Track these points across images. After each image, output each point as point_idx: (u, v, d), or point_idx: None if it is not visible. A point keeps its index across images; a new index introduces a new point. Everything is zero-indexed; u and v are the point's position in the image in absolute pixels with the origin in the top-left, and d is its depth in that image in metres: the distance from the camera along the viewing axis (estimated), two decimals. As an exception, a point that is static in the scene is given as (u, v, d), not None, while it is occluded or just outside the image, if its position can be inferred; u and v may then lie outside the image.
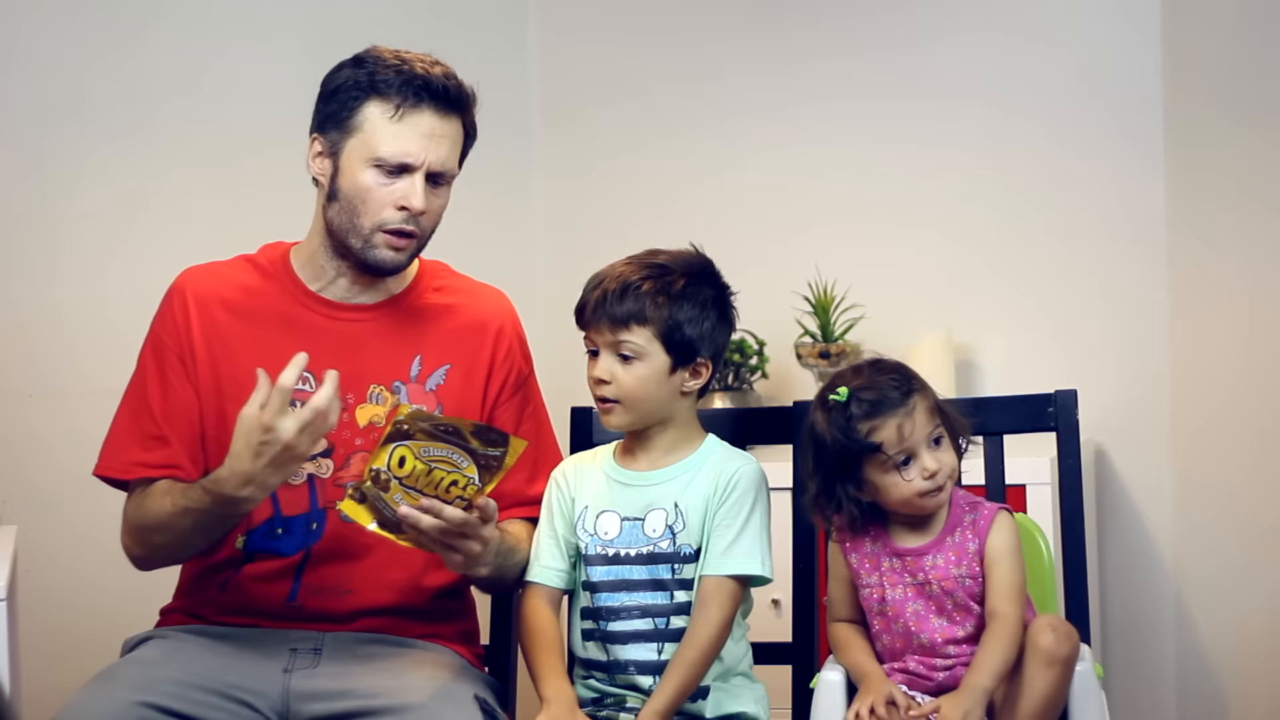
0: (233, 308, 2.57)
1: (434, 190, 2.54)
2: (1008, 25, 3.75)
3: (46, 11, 3.55)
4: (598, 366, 2.52)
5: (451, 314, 2.63)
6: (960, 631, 2.47)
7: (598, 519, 2.54)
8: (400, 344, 2.58)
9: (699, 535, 2.51)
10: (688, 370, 2.52)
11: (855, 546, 2.54)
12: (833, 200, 3.85)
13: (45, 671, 3.10)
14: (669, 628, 2.51)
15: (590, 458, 2.63)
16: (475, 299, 2.67)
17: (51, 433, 3.53)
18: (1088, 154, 3.70)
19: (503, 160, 3.96)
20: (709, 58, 3.94)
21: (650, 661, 2.51)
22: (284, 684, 2.45)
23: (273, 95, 3.68)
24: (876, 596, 2.51)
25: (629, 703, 2.52)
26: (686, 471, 2.54)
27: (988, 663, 2.40)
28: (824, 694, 2.51)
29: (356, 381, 2.52)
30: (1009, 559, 2.46)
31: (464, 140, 2.57)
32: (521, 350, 2.68)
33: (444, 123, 2.52)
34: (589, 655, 2.55)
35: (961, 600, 2.47)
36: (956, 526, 2.49)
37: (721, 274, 2.57)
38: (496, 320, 2.66)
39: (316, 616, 2.51)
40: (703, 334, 2.50)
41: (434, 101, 2.50)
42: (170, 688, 2.38)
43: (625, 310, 2.49)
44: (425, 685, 2.41)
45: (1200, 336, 3.64)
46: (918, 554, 2.49)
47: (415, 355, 2.58)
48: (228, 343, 2.55)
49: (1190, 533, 3.67)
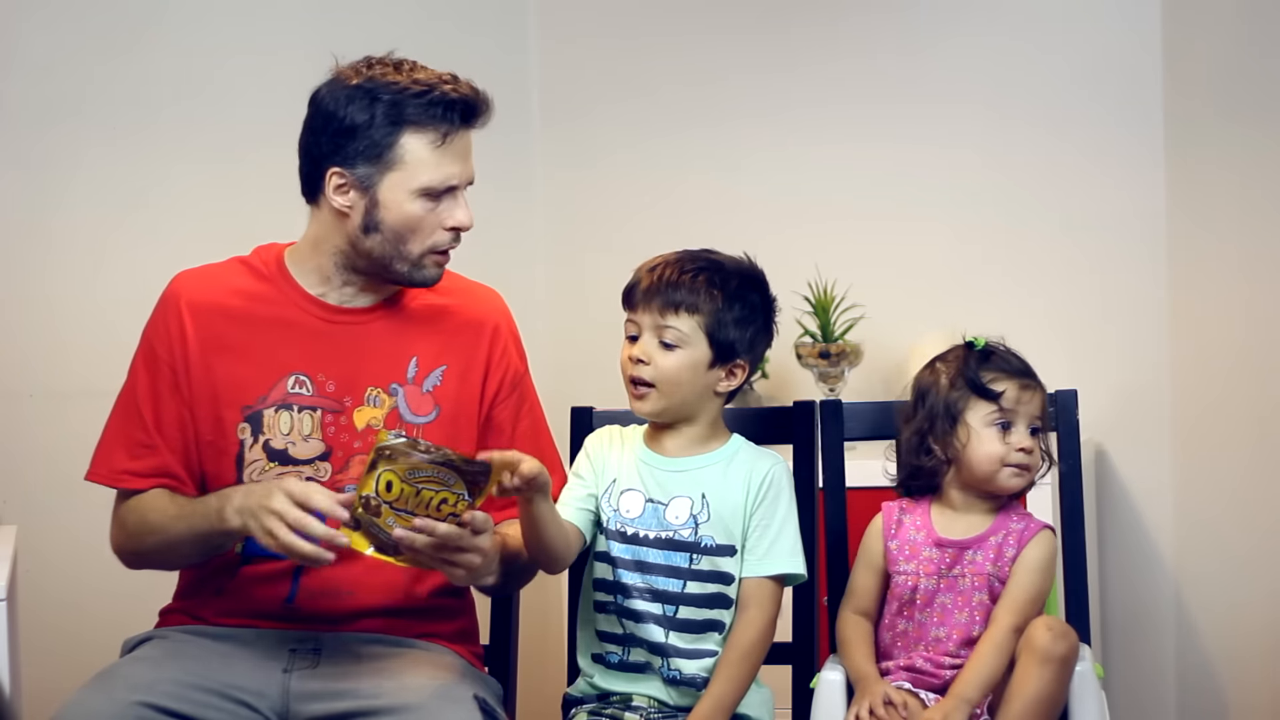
0: (229, 313, 2.56)
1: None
2: (1008, 26, 3.75)
3: (47, 12, 3.55)
4: (638, 346, 2.53)
5: (446, 314, 2.63)
6: (977, 631, 2.49)
7: (621, 496, 2.56)
8: (396, 346, 2.58)
9: (725, 530, 2.52)
10: (724, 370, 2.53)
11: (899, 532, 2.56)
12: (833, 200, 3.85)
13: (45, 671, 3.10)
14: (676, 616, 2.52)
15: (620, 434, 2.63)
16: (470, 298, 2.67)
17: (51, 433, 3.52)
18: (1088, 154, 3.70)
19: (503, 159, 3.96)
20: (710, 57, 3.94)
21: (659, 644, 2.52)
22: (283, 684, 2.45)
23: (272, 97, 3.66)
24: (910, 585, 2.53)
25: (634, 701, 2.53)
26: (717, 464, 2.55)
27: (974, 674, 2.43)
28: (824, 694, 2.51)
29: (354, 384, 2.52)
30: (1034, 574, 2.49)
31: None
32: (517, 349, 2.68)
33: (471, 135, 2.53)
34: (603, 627, 2.56)
35: (986, 599, 2.50)
36: (1003, 529, 2.52)
37: (771, 288, 2.59)
38: (492, 319, 2.65)
39: (314, 618, 2.51)
40: (745, 337, 2.53)
41: (472, 121, 2.51)
42: (169, 688, 2.38)
43: (679, 296, 2.51)
44: (425, 685, 2.41)
45: (1200, 336, 3.64)
46: (960, 546, 2.52)
47: (412, 357, 2.58)
48: (225, 347, 2.54)
49: (1190, 531, 3.67)
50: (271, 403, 2.52)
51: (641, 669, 2.54)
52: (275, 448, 2.51)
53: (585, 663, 2.59)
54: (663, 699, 2.53)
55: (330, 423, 2.52)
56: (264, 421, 2.52)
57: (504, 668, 2.73)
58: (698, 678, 2.51)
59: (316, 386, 2.52)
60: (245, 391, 2.51)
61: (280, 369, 2.53)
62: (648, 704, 2.53)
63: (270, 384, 2.53)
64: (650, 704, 2.53)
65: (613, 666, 2.56)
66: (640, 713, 2.52)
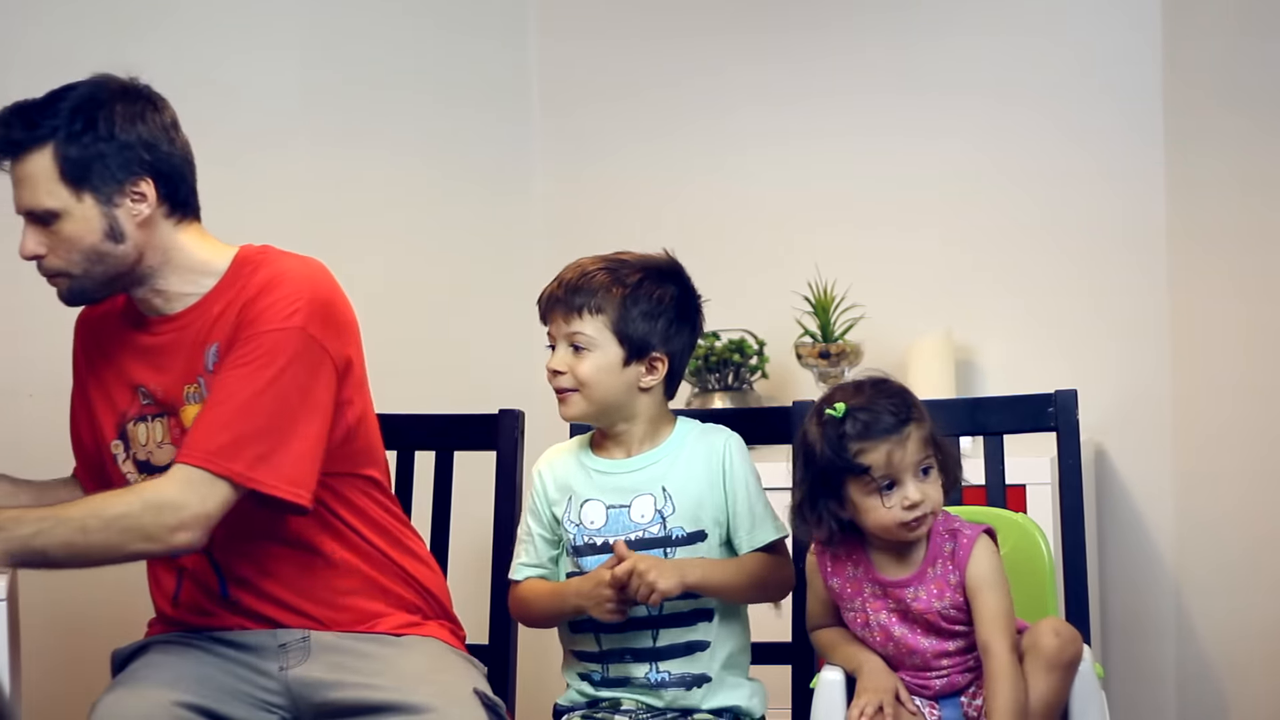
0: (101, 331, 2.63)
1: (49, 228, 2.48)
2: (1009, 25, 3.75)
3: (47, 12, 3.55)
4: (554, 358, 2.54)
5: (244, 294, 2.51)
6: (951, 645, 2.47)
7: (582, 508, 2.55)
8: (195, 338, 2.52)
9: (693, 518, 2.52)
10: (643, 365, 2.52)
11: (837, 570, 2.52)
12: (833, 200, 3.85)
13: (45, 672, 3.10)
14: (663, 613, 2.52)
15: (564, 450, 2.64)
16: (272, 273, 2.52)
17: (51, 433, 3.52)
18: (1089, 154, 3.70)
19: (502, 158, 3.97)
20: (710, 56, 3.94)
21: (646, 649, 2.52)
22: (284, 680, 2.49)
23: (272, 99, 3.67)
24: (860, 621, 2.50)
25: (624, 704, 2.53)
26: (668, 454, 2.55)
27: (1002, 712, 2.35)
28: (824, 694, 2.51)
29: (174, 388, 2.53)
30: (991, 588, 2.43)
31: (58, 164, 2.45)
32: (273, 310, 2.46)
33: (17, 167, 2.48)
34: (580, 647, 2.56)
35: (945, 626, 2.46)
36: (937, 558, 2.46)
37: (690, 279, 2.58)
38: (255, 285, 2.50)
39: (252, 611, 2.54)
40: (656, 329, 2.52)
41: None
42: (193, 685, 2.43)
43: (579, 299, 2.51)
44: (423, 679, 2.43)
45: (1200, 336, 3.64)
46: (899, 585, 2.47)
47: (212, 344, 2.51)
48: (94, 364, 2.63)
49: (1190, 532, 3.67)
50: (131, 416, 2.56)
51: (624, 683, 2.54)
52: (139, 459, 2.56)
53: (571, 679, 2.60)
54: (650, 702, 2.53)
55: (175, 425, 2.53)
56: (129, 435, 2.57)
57: (503, 668, 2.73)
58: (686, 676, 2.52)
59: (156, 398, 2.55)
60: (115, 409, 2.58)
61: (128, 381, 2.57)
62: (636, 706, 2.53)
63: (127, 396, 2.57)
64: (639, 706, 2.53)
65: (596, 684, 2.56)
66: (629, 715, 2.52)
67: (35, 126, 2.45)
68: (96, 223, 2.47)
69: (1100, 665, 2.53)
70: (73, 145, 2.44)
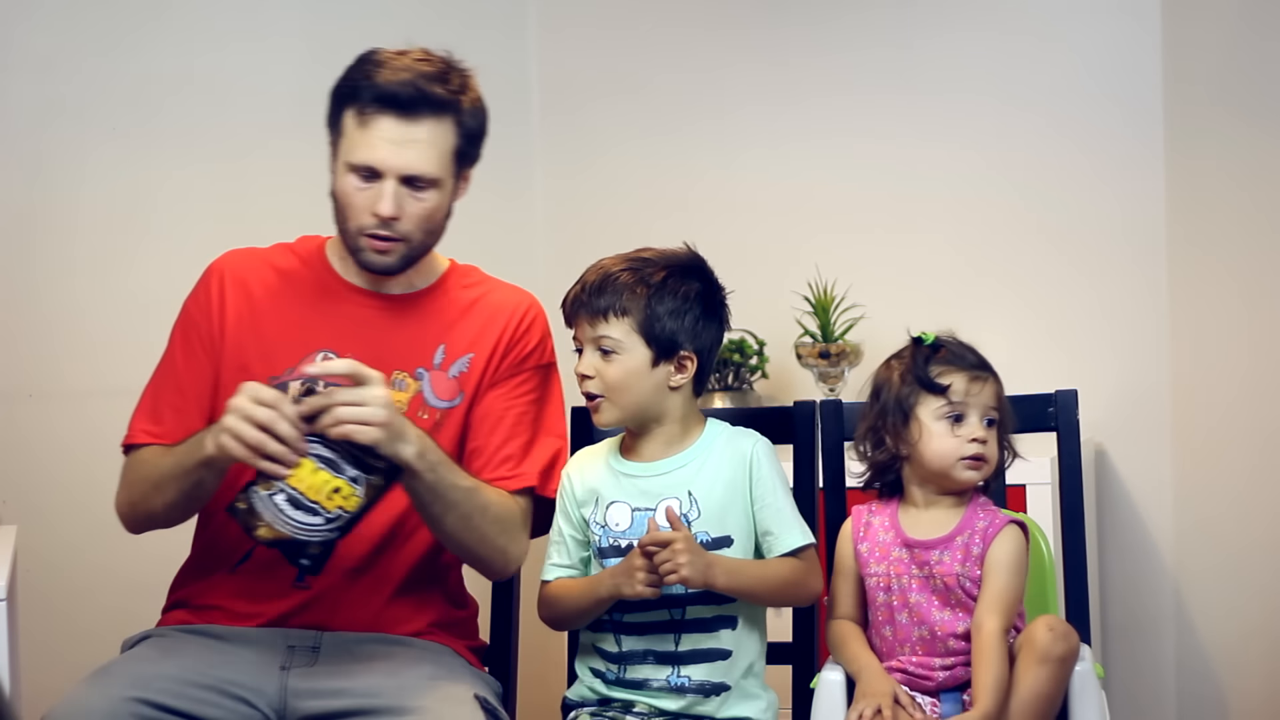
0: (268, 288, 2.61)
1: (416, 194, 2.52)
2: (1009, 25, 3.75)
3: (47, 11, 3.55)
4: (581, 363, 2.53)
5: (477, 306, 2.64)
6: (962, 626, 2.48)
7: (608, 510, 2.54)
8: (424, 332, 2.60)
9: (719, 523, 2.51)
10: (672, 364, 2.51)
11: (869, 535, 2.55)
12: (833, 200, 3.85)
13: (45, 671, 3.09)
14: (685, 618, 2.51)
15: (594, 453, 2.63)
16: (505, 293, 2.68)
17: (51, 433, 3.53)
18: (1088, 154, 3.70)
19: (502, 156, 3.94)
20: (711, 54, 3.94)
21: (669, 652, 2.51)
22: (282, 681, 2.46)
23: (274, 95, 3.68)
24: (883, 585, 2.52)
25: (636, 706, 2.52)
26: (696, 458, 2.54)
27: (985, 688, 2.40)
28: (824, 694, 2.51)
29: (379, 365, 2.49)
30: (1006, 572, 2.47)
31: (456, 139, 2.54)
32: (540, 338, 2.66)
33: (412, 127, 2.50)
34: (600, 644, 2.55)
35: (962, 597, 2.48)
36: (968, 529, 2.50)
37: (713, 272, 2.57)
38: (521, 308, 2.66)
39: (322, 599, 2.52)
40: (684, 327, 2.50)
41: (394, 109, 2.49)
42: (166, 684, 2.38)
43: (604, 302, 2.49)
44: (425, 685, 2.41)
45: (1200, 336, 3.64)
46: (927, 547, 2.50)
47: (440, 343, 2.60)
48: (258, 321, 2.59)
49: (1190, 532, 3.67)
50: (297, 376, 2.53)
51: (639, 686, 2.53)
52: None
53: (584, 674, 2.59)
54: (664, 706, 2.52)
55: None
56: (288, 394, 2.52)
57: (504, 668, 2.73)
58: (707, 684, 2.51)
59: None
60: (273, 364, 2.53)
61: (309, 345, 2.56)
62: (649, 710, 2.52)
63: (298, 358, 2.55)
64: (651, 710, 2.52)
65: (610, 683, 2.55)
66: (641, 717, 2.52)
67: (453, 95, 2.53)
68: (450, 200, 2.58)
69: (1100, 665, 2.53)
70: (472, 120, 2.56)
